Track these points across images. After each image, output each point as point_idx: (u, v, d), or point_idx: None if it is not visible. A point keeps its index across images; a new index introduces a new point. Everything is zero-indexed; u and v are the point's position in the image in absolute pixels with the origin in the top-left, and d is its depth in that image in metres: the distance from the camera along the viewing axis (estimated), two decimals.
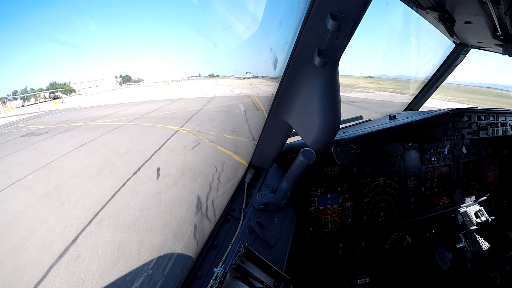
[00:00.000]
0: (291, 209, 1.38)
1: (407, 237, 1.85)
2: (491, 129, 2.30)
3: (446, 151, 2.21)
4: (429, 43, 2.44)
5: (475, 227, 2.31)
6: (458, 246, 2.05)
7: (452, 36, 1.99)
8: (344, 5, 0.75)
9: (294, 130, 1.19)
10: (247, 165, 1.52)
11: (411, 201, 2.07)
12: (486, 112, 2.35)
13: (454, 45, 2.24)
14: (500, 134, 2.35)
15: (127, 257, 3.21)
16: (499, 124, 2.36)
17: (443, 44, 2.28)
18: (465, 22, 1.60)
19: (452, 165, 2.26)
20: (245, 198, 1.36)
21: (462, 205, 2.31)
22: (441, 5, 1.48)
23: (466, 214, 2.29)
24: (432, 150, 2.16)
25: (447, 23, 1.63)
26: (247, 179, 1.46)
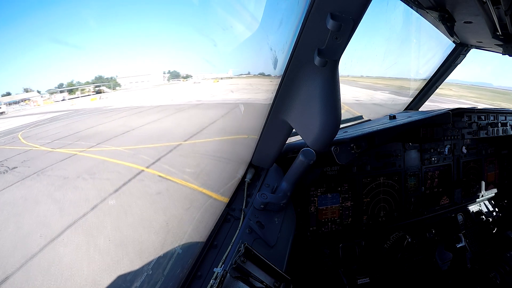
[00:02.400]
0: (291, 209, 1.38)
1: (407, 237, 1.85)
2: (491, 129, 2.30)
3: (446, 151, 2.21)
4: (429, 43, 2.43)
5: (475, 227, 2.31)
6: (458, 246, 2.05)
7: (452, 36, 1.99)
8: (344, 5, 0.75)
9: (294, 130, 1.19)
10: (247, 165, 1.52)
11: (411, 201, 2.07)
12: (486, 112, 2.35)
13: (454, 45, 2.24)
14: (500, 134, 2.35)
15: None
16: (499, 124, 2.36)
17: (443, 44, 2.28)
18: (465, 22, 1.60)
19: (452, 165, 2.26)
20: (245, 198, 1.37)
21: (462, 205, 2.31)
22: (441, 5, 1.48)
23: (466, 214, 2.29)
24: (432, 150, 2.16)
25: (447, 23, 1.63)
26: (247, 179, 1.46)
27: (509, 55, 1.79)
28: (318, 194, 1.80)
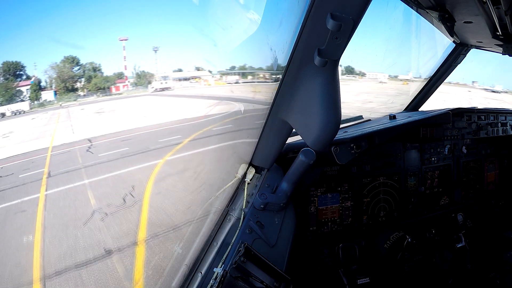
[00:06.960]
0: (291, 209, 1.38)
1: (407, 237, 1.85)
2: (491, 129, 2.30)
3: (446, 150, 2.21)
4: (429, 43, 2.44)
5: (475, 227, 2.31)
6: (458, 246, 2.05)
7: (452, 36, 1.99)
8: (344, 5, 0.75)
9: (294, 130, 1.19)
10: (247, 165, 1.52)
11: (411, 201, 2.07)
12: (486, 112, 2.35)
13: (454, 45, 2.24)
14: (500, 134, 2.35)
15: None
16: (499, 124, 2.36)
17: (443, 44, 2.28)
18: (465, 22, 1.60)
19: (452, 165, 2.26)
20: (245, 198, 1.37)
21: (462, 205, 2.31)
22: (441, 5, 1.48)
23: (466, 214, 2.29)
24: (432, 150, 2.16)
25: (447, 23, 1.63)
26: (247, 179, 1.46)
27: (509, 55, 1.79)
28: (318, 194, 1.80)
